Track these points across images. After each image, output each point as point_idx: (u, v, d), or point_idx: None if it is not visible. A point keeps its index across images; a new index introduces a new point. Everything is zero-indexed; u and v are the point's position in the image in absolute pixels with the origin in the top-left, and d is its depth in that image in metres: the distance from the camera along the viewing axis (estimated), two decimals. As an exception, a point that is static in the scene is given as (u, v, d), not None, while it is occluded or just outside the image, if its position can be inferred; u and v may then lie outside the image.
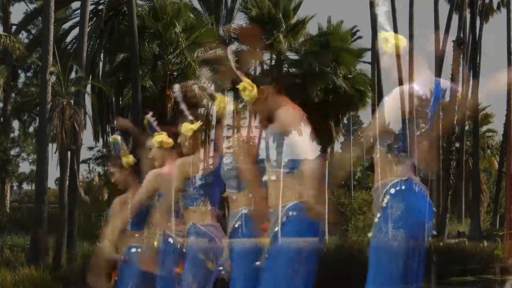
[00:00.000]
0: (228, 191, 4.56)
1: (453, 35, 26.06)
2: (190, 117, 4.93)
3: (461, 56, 26.25)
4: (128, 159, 5.77)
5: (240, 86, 4.11)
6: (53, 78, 18.01)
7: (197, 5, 26.15)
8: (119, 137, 5.82)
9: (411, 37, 26.79)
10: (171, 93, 21.33)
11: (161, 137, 5.33)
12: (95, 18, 23.10)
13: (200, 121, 4.99)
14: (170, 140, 5.31)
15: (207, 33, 22.22)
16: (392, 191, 3.60)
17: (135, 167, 5.84)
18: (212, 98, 4.75)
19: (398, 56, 3.72)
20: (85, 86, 19.23)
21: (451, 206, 25.79)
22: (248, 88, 4.08)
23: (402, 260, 3.54)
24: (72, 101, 17.63)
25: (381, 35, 3.81)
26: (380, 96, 26.94)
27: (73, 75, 19.40)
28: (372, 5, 25.66)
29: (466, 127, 26.75)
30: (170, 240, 5.14)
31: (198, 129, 4.95)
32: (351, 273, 11.93)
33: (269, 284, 3.82)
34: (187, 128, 4.93)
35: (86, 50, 19.39)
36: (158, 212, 5.17)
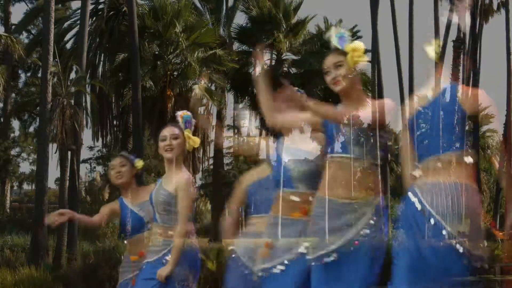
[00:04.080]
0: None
1: (453, 35, 26.08)
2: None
3: (461, 56, 26.25)
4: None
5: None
6: (53, 78, 18.01)
7: (198, 5, 26.17)
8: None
9: (411, 37, 26.82)
10: (171, 93, 21.37)
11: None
12: (95, 18, 23.11)
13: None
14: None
15: (207, 33, 22.23)
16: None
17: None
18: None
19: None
20: (85, 86, 19.22)
21: (451, 206, 25.74)
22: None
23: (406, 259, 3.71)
24: (72, 101, 17.62)
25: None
26: (380, 96, 26.96)
27: (73, 75, 19.40)
28: (372, 5, 25.66)
29: (466, 127, 26.73)
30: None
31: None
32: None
33: None
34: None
35: (86, 50, 19.38)
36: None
